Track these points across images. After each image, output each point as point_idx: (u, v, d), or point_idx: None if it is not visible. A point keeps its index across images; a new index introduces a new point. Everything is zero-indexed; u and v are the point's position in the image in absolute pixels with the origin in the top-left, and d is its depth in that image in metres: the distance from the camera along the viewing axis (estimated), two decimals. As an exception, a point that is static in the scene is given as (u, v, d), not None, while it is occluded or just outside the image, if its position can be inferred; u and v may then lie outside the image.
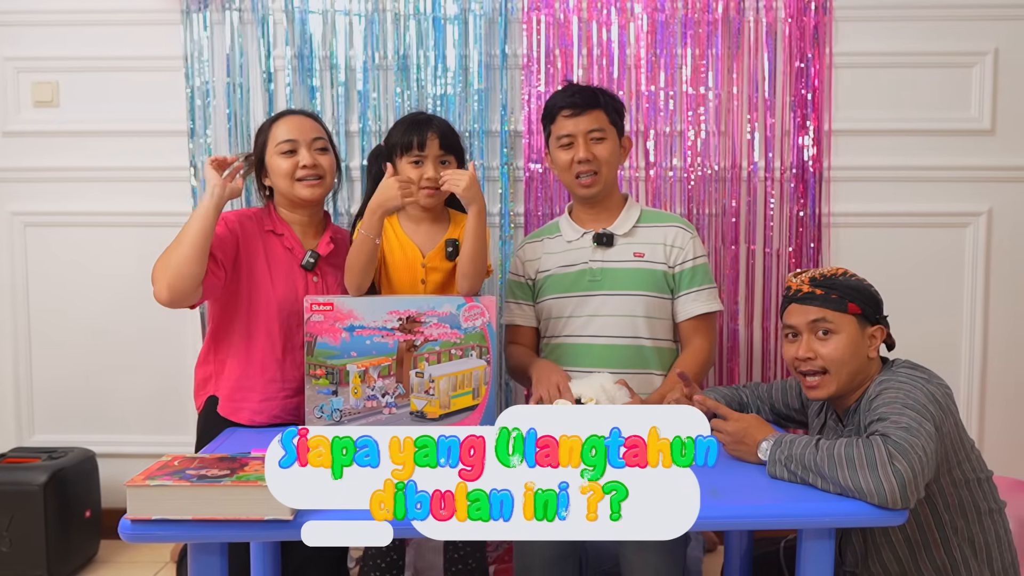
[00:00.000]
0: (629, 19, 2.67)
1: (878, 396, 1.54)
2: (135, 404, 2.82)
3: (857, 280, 1.69)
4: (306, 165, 1.96)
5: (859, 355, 1.64)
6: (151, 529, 1.25)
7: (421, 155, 1.94)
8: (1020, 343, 2.74)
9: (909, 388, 1.52)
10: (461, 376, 1.81)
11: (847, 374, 1.64)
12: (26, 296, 2.81)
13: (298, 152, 1.97)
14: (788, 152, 2.68)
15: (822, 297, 1.65)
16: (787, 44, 2.66)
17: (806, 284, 1.68)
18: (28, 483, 2.47)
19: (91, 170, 2.76)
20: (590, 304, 2.06)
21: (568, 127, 2.04)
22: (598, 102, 2.05)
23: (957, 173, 2.70)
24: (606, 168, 2.05)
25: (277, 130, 1.99)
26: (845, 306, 1.64)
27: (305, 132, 1.99)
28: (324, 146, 2.02)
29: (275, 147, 1.98)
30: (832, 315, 1.64)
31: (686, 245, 2.08)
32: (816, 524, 1.36)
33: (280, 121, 2.01)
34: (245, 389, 1.93)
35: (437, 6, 2.66)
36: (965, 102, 2.69)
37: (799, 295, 1.68)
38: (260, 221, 2.01)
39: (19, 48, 2.74)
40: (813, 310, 1.65)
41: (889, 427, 1.42)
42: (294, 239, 2.01)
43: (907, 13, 2.66)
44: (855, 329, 1.64)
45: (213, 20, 2.69)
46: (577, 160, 2.03)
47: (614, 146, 2.07)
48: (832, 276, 1.68)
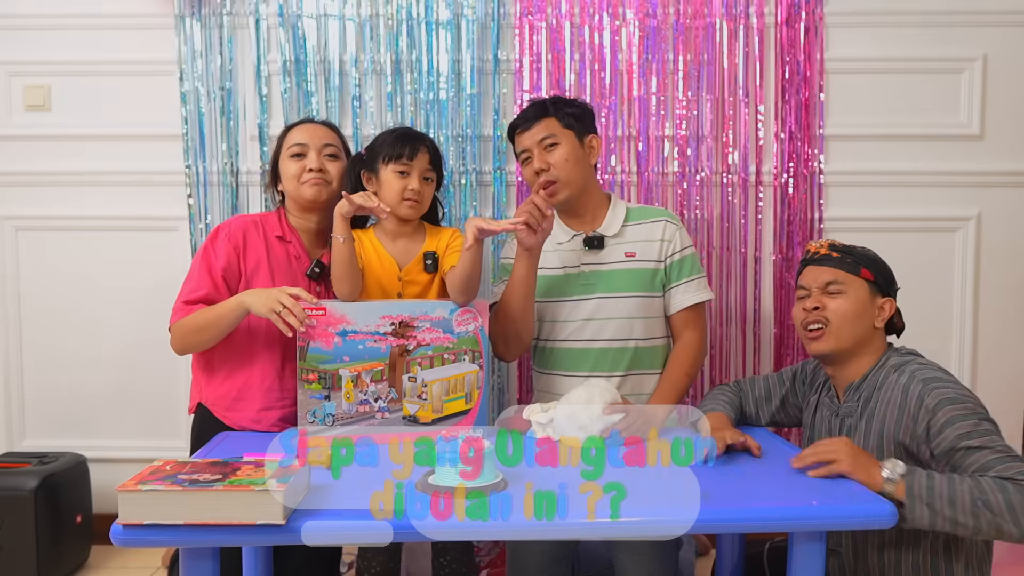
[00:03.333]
0: (621, 24, 2.68)
1: (940, 410, 1.53)
2: (126, 409, 2.81)
3: (874, 253, 1.76)
4: (312, 168, 1.99)
5: (864, 319, 1.70)
6: (143, 534, 1.25)
7: (408, 166, 1.93)
8: (1009, 345, 2.76)
9: (966, 399, 1.55)
10: (454, 380, 1.81)
11: (849, 334, 1.69)
12: (17, 300, 2.80)
13: (307, 156, 2.01)
14: (780, 157, 2.70)
15: (837, 259, 1.73)
16: (779, 50, 2.68)
17: (824, 247, 1.76)
18: (19, 488, 2.46)
19: (83, 174, 2.75)
20: (584, 308, 2.05)
21: (524, 142, 2.06)
22: (546, 111, 2.05)
23: (947, 178, 2.72)
24: (564, 171, 2.01)
25: (292, 135, 2.06)
26: (858, 270, 1.71)
27: (317, 138, 2.04)
28: (335, 152, 2.05)
29: (287, 151, 2.03)
30: (843, 276, 1.71)
31: (674, 237, 2.08)
32: (807, 527, 1.37)
33: (296, 127, 2.08)
34: (244, 399, 1.92)
35: (430, 11, 2.67)
36: (955, 107, 2.71)
37: (816, 256, 1.76)
38: (268, 226, 2.02)
39: (11, 52, 2.74)
40: (826, 270, 1.73)
41: (1009, 464, 1.43)
42: (301, 247, 2.02)
43: (897, 19, 2.68)
44: (865, 293, 1.71)
45: (207, 24, 2.69)
46: (535, 172, 2.03)
47: (571, 149, 2.03)
48: (851, 245, 1.77)
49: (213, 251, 1.95)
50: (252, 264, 1.96)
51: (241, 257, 1.95)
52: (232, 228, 1.98)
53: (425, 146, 1.97)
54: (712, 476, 1.54)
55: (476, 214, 2.69)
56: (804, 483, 1.49)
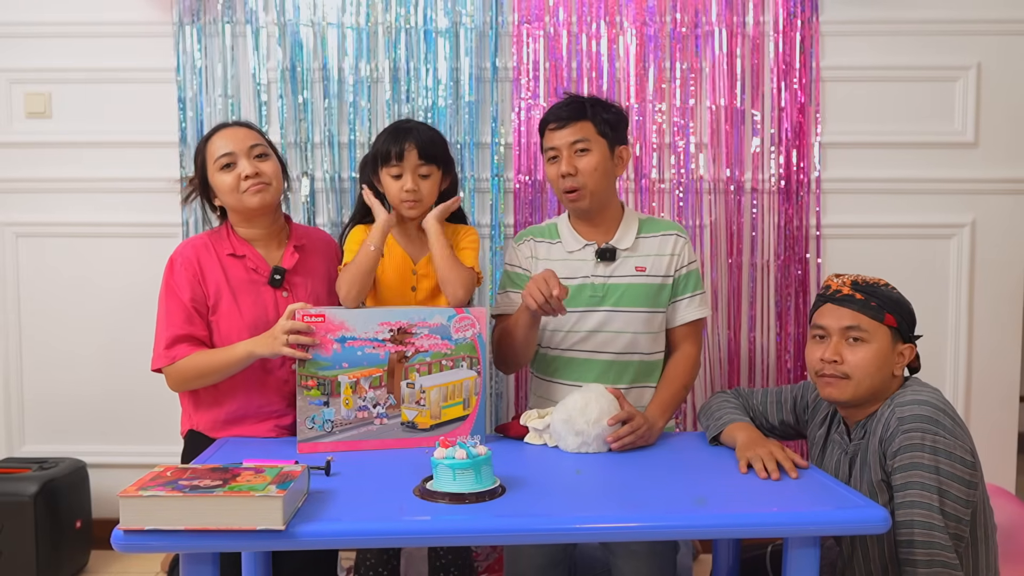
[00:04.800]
0: (618, 32, 2.70)
1: (905, 453, 1.51)
2: (126, 415, 2.82)
3: (899, 294, 1.65)
4: (248, 175, 1.89)
5: (884, 370, 1.61)
6: (144, 539, 1.26)
7: (399, 166, 1.91)
8: (1004, 352, 2.78)
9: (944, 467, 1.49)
10: (452, 387, 1.82)
11: (868, 387, 1.61)
12: (17, 306, 2.82)
13: (237, 163, 1.91)
14: (777, 164, 2.72)
15: (861, 302, 1.61)
16: (775, 58, 2.70)
17: (847, 286, 1.64)
18: (19, 494, 2.47)
19: (84, 181, 2.77)
20: (591, 319, 2.01)
21: (554, 140, 2.00)
22: (584, 113, 1.99)
23: (942, 185, 2.74)
24: (591, 181, 1.98)
25: (212, 146, 1.93)
26: (882, 316, 1.60)
27: (240, 142, 1.92)
28: (263, 152, 1.95)
29: (214, 164, 1.92)
30: (868, 323, 1.60)
31: (682, 251, 2.05)
32: (801, 532, 1.38)
33: (214, 137, 1.95)
34: (232, 423, 1.92)
35: (429, 19, 2.69)
36: (949, 115, 2.73)
37: (837, 296, 1.65)
38: (217, 245, 1.96)
39: (12, 59, 2.75)
40: (849, 314, 1.62)
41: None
42: (257, 259, 1.96)
43: (892, 28, 2.71)
44: (887, 342, 1.61)
45: (206, 32, 2.71)
46: (560, 174, 1.99)
47: (601, 158, 1.99)
48: (875, 284, 1.65)
49: (175, 284, 1.89)
50: (213, 289, 1.90)
51: (201, 283, 1.90)
52: (185, 256, 1.92)
53: (412, 140, 1.91)
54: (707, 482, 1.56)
55: (473, 222, 2.70)
56: (799, 488, 1.50)
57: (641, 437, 1.78)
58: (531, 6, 2.69)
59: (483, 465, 1.43)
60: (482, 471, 1.43)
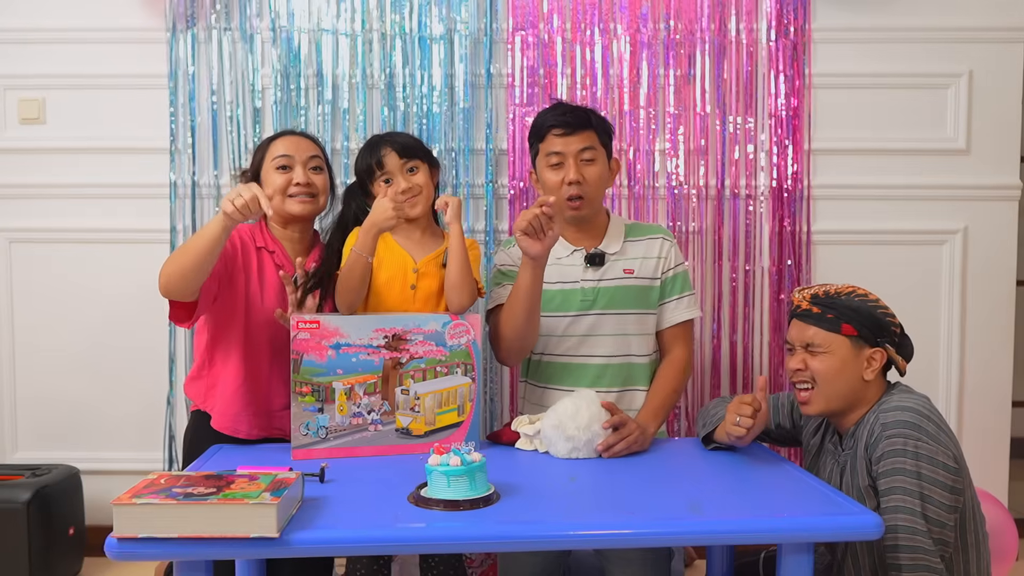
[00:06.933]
0: (612, 39, 2.71)
1: (890, 458, 1.53)
2: (120, 421, 2.81)
3: (862, 301, 1.68)
4: (299, 183, 1.99)
5: (849, 376, 1.66)
6: (138, 547, 1.25)
7: (386, 172, 1.96)
8: (996, 357, 2.79)
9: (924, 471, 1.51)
10: (446, 393, 1.83)
11: (835, 393, 1.66)
12: (10, 312, 2.81)
13: (293, 169, 2.00)
14: (769, 170, 2.73)
15: (817, 316, 1.68)
16: (767, 64, 2.71)
17: (806, 300, 1.71)
18: (11, 500, 2.46)
19: (77, 187, 2.76)
20: (583, 324, 2.04)
21: (558, 146, 2.01)
22: (590, 123, 2.03)
23: (933, 192, 2.76)
24: (594, 190, 2.02)
25: (275, 146, 2.03)
26: (838, 327, 1.66)
27: (301, 150, 2.02)
28: (319, 165, 2.05)
29: (271, 162, 2.01)
30: (823, 336, 1.66)
31: (669, 254, 2.09)
32: (795, 539, 1.38)
33: (279, 139, 2.05)
34: (239, 404, 1.93)
35: (423, 26, 2.70)
36: (941, 122, 2.75)
37: (798, 311, 1.72)
38: (252, 237, 2.02)
39: (6, 65, 2.75)
40: (807, 329, 1.69)
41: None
42: (284, 256, 2.02)
43: (884, 36, 2.72)
44: (847, 351, 1.66)
45: (200, 38, 2.71)
46: (567, 182, 2.00)
47: (603, 168, 2.04)
48: (835, 295, 1.69)
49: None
50: (241, 264, 1.95)
51: (241, 257, 1.95)
52: (243, 230, 1.99)
53: (387, 145, 1.97)
54: (702, 488, 1.56)
55: (468, 228, 2.70)
56: (792, 495, 1.51)
57: (633, 444, 1.79)
58: (525, 13, 2.70)
59: (477, 472, 1.43)
60: (476, 478, 1.43)
